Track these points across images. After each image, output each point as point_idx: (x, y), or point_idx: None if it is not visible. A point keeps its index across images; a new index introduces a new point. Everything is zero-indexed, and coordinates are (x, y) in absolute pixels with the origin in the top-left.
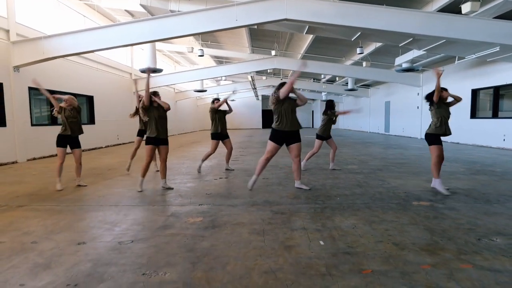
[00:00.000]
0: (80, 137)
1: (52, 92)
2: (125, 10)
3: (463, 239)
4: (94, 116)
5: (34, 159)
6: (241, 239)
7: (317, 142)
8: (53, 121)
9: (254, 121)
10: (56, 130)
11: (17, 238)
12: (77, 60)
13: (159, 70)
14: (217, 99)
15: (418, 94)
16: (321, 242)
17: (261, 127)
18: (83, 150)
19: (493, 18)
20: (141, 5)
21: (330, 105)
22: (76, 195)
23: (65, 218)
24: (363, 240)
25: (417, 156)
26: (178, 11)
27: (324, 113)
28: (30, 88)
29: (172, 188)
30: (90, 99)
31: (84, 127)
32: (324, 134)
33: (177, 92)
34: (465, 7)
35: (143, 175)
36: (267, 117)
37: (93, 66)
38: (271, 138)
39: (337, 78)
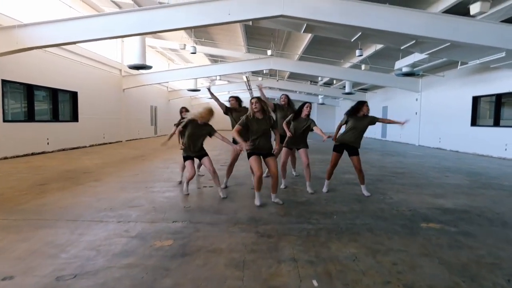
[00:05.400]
0: (64, 135)
1: (29, 86)
2: (112, 1)
3: (489, 279)
4: (78, 113)
5: (6, 158)
6: (214, 274)
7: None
8: (29, 117)
9: None
10: (34, 127)
11: None
12: (58, 52)
13: (148, 67)
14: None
15: (416, 99)
16: (315, 283)
17: None
18: (63, 149)
19: (501, 21)
20: None
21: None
22: (34, 204)
23: (5, 238)
24: (367, 280)
25: (417, 164)
26: (167, 3)
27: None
28: (3, 81)
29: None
30: (73, 95)
31: (66, 124)
32: None
33: (170, 91)
34: (474, 8)
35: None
36: None
37: (77, 60)
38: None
39: (334, 81)
